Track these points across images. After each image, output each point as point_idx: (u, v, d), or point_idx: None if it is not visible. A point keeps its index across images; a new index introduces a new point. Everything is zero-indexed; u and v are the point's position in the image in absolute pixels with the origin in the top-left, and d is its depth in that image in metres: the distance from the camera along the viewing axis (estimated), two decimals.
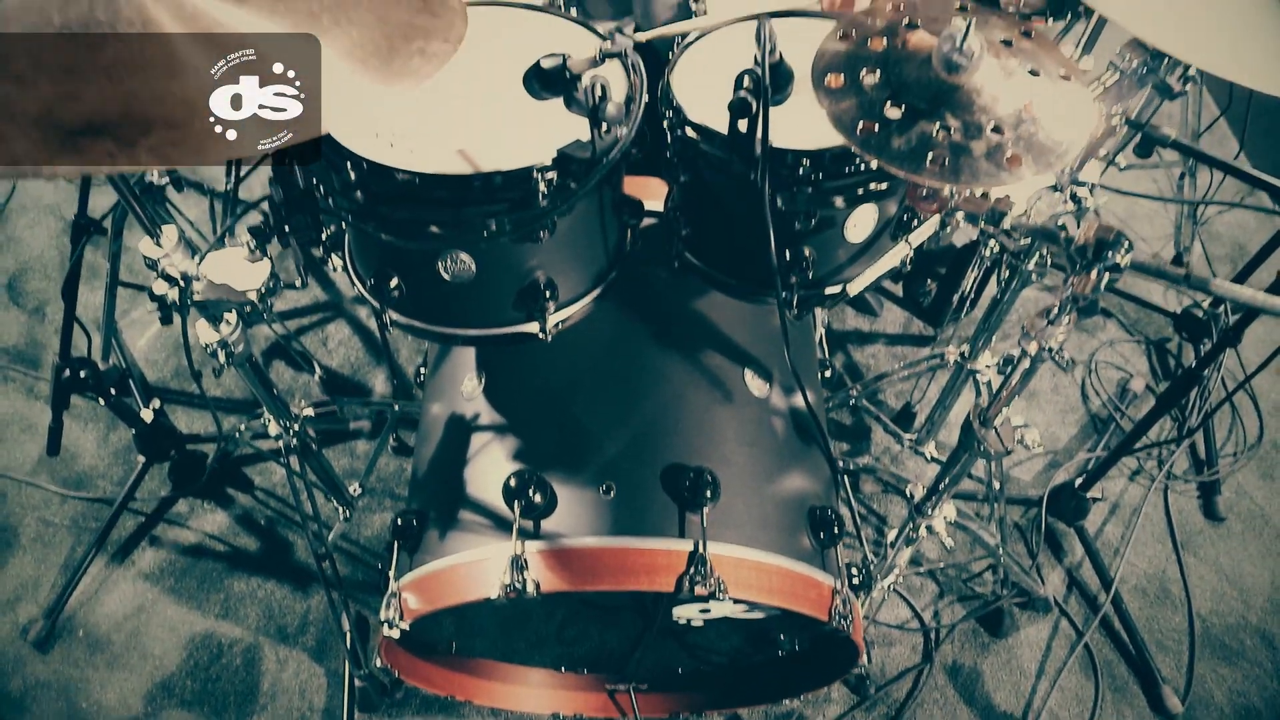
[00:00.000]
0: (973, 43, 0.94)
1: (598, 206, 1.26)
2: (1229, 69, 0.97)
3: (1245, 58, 0.99)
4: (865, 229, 1.28)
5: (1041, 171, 0.93)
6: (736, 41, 1.39)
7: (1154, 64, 1.28)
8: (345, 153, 1.14)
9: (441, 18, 1.02)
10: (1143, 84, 1.28)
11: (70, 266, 1.84)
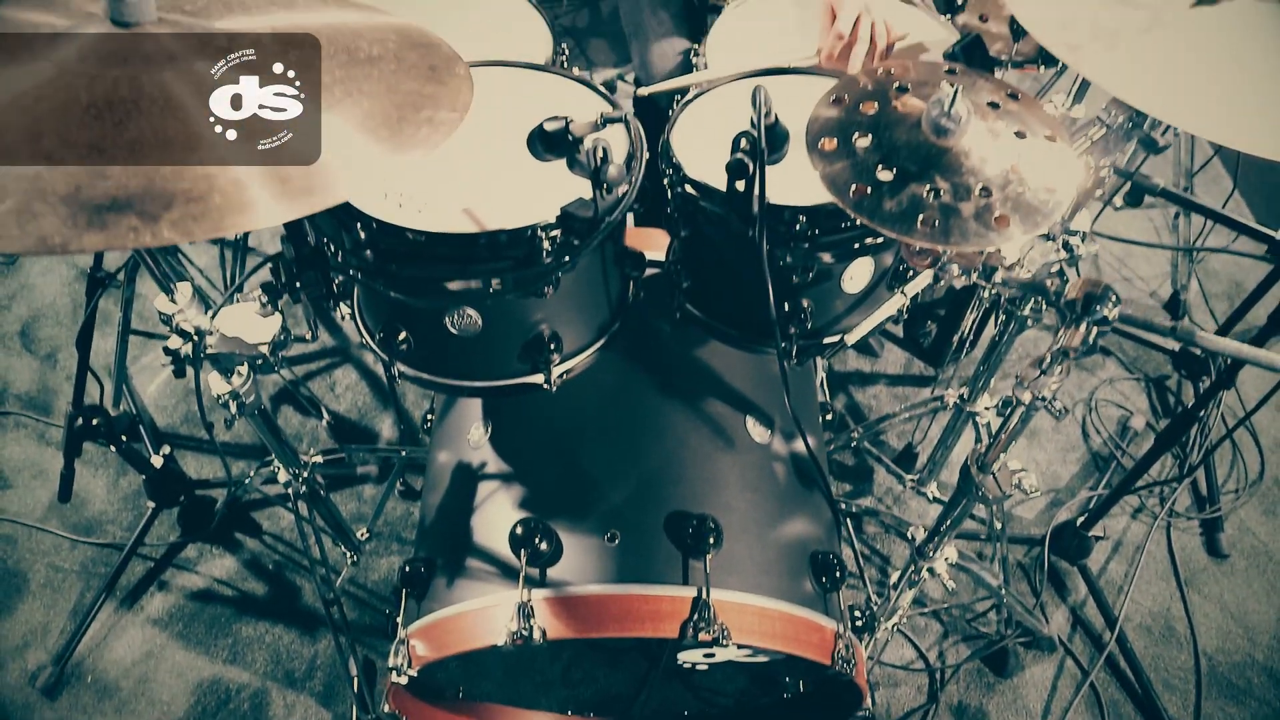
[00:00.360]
0: (960, 107, 0.97)
1: (600, 261, 1.30)
2: (1207, 128, 1.00)
3: (1224, 116, 1.03)
4: (862, 281, 1.31)
5: (1029, 231, 0.96)
6: (735, 98, 1.44)
7: (1138, 119, 1.31)
8: (355, 212, 1.17)
9: (448, 86, 1.06)
10: (1129, 138, 1.32)
11: (85, 319, 1.88)
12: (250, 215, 0.82)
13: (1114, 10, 1.11)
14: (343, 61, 1.04)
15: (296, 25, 1.12)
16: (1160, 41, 1.08)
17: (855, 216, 0.95)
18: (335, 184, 0.87)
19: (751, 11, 1.77)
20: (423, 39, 1.15)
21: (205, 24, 1.07)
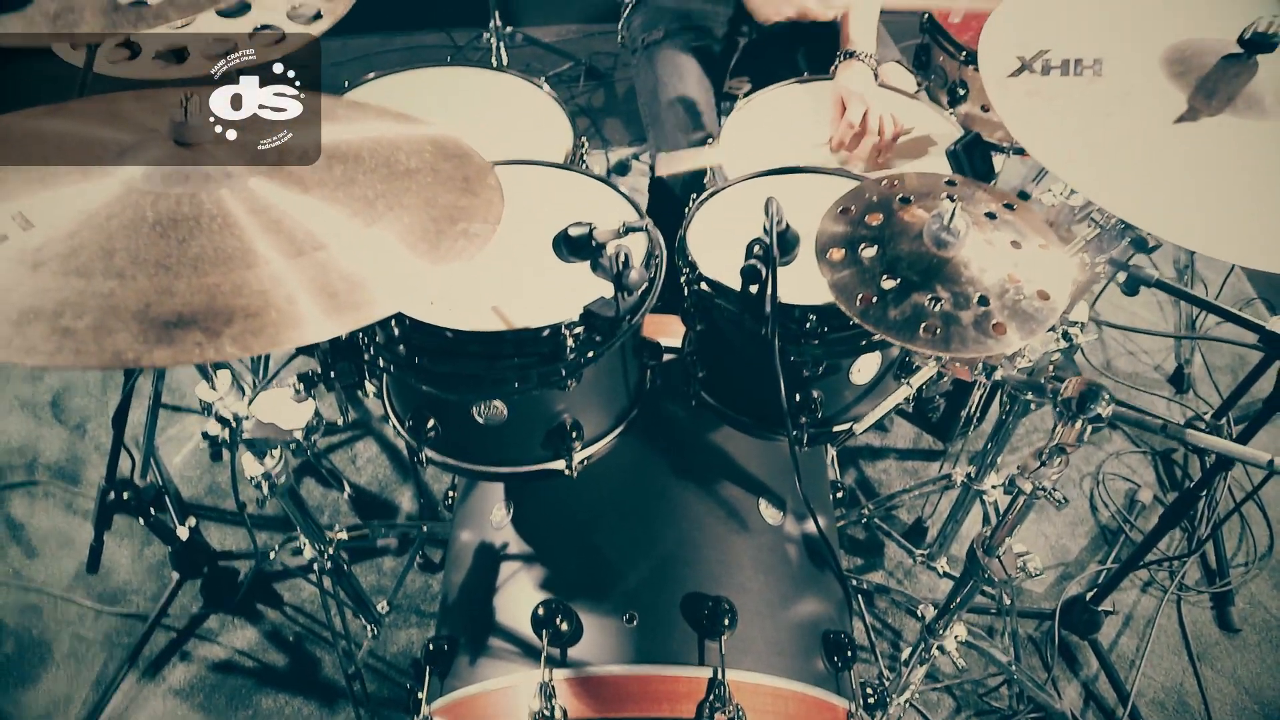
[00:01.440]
0: (958, 222, 1.05)
1: (620, 353, 1.36)
2: (1186, 237, 1.07)
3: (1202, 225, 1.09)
4: (869, 373, 1.37)
5: (1025, 337, 1.03)
6: (748, 195, 1.52)
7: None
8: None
9: (481, 197, 1.14)
10: (1121, 237, 1.39)
11: (122, 398, 1.95)
12: (303, 330, 0.89)
13: (1101, 125, 1.19)
14: (384, 175, 1.13)
15: (339, 138, 1.21)
16: (1144, 155, 1.15)
17: (861, 324, 1.02)
18: (380, 299, 0.94)
19: (764, 103, 1.87)
20: (456, 149, 1.24)
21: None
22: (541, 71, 3.46)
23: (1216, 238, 1.08)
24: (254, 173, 1.07)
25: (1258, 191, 1.14)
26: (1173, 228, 1.08)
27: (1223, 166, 1.14)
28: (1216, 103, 1.20)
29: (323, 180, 1.09)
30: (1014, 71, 1.26)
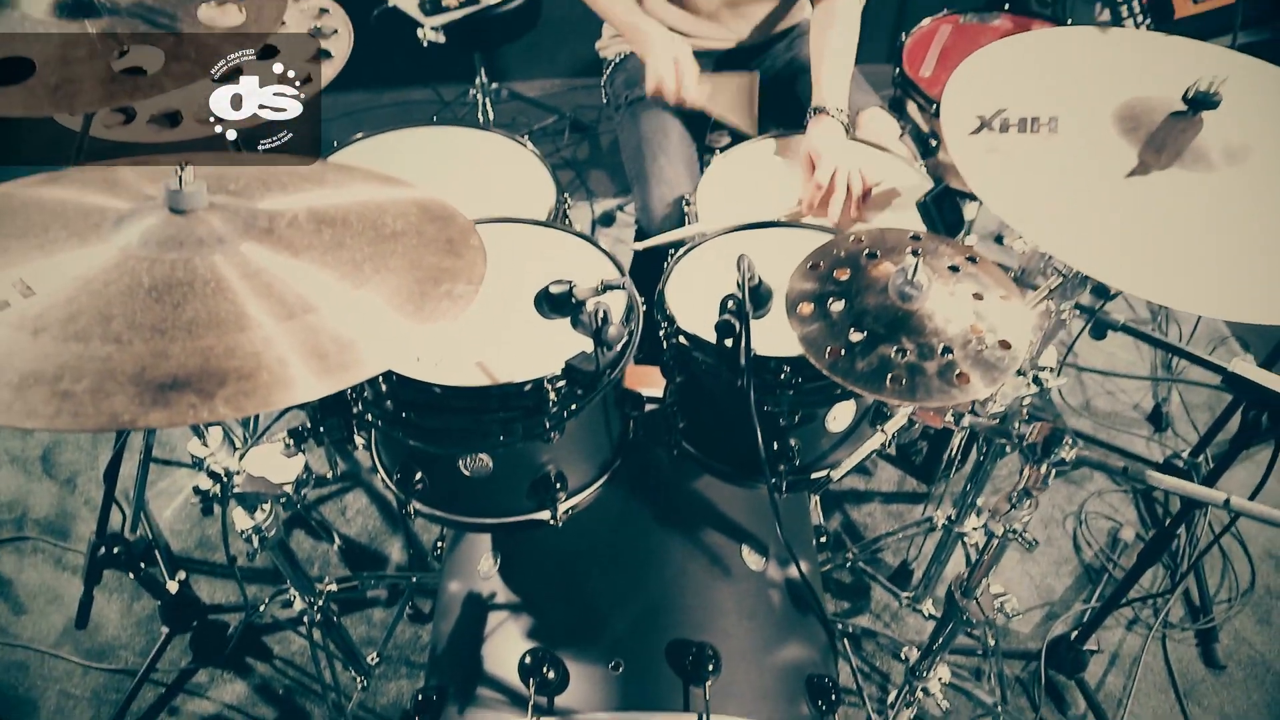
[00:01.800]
0: (921, 276, 1.10)
1: (602, 405, 1.40)
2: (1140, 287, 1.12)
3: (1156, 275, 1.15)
4: (845, 420, 1.42)
5: (989, 386, 1.07)
6: (724, 249, 1.57)
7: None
8: None
9: (465, 258, 1.18)
10: (1084, 284, 1.44)
11: (114, 454, 1.98)
12: (293, 391, 0.92)
13: (1057, 179, 1.24)
14: (371, 238, 1.17)
15: (328, 203, 1.26)
16: (1098, 208, 1.21)
17: (830, 376, 1.06)
18: (368, 359, 0.98)
19: (738, 158, 1.93)
20: (441, 211, 1.29)
21: (249, 204, 1.20)
22: (527, 125, 3.54)
23: (1168, 286, 1.13)
24: (246, 238, 1.12)
25: (1207, 241, 1.19)
26: (1126, 277, 1.13)
27: (1173, 218, 1.20)
28: (1165, 157, 1.27)
29: (312, 244, 1.14)
30: (975, 129, 1.32)
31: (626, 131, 2.14)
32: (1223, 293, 1.13)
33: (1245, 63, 1.50)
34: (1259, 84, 1.46)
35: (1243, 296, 1.14)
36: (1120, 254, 1.16)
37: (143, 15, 1.46)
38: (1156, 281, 1.14)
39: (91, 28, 1.41)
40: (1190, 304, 1.12)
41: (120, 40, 1.40)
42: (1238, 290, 1.15)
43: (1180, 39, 1.55)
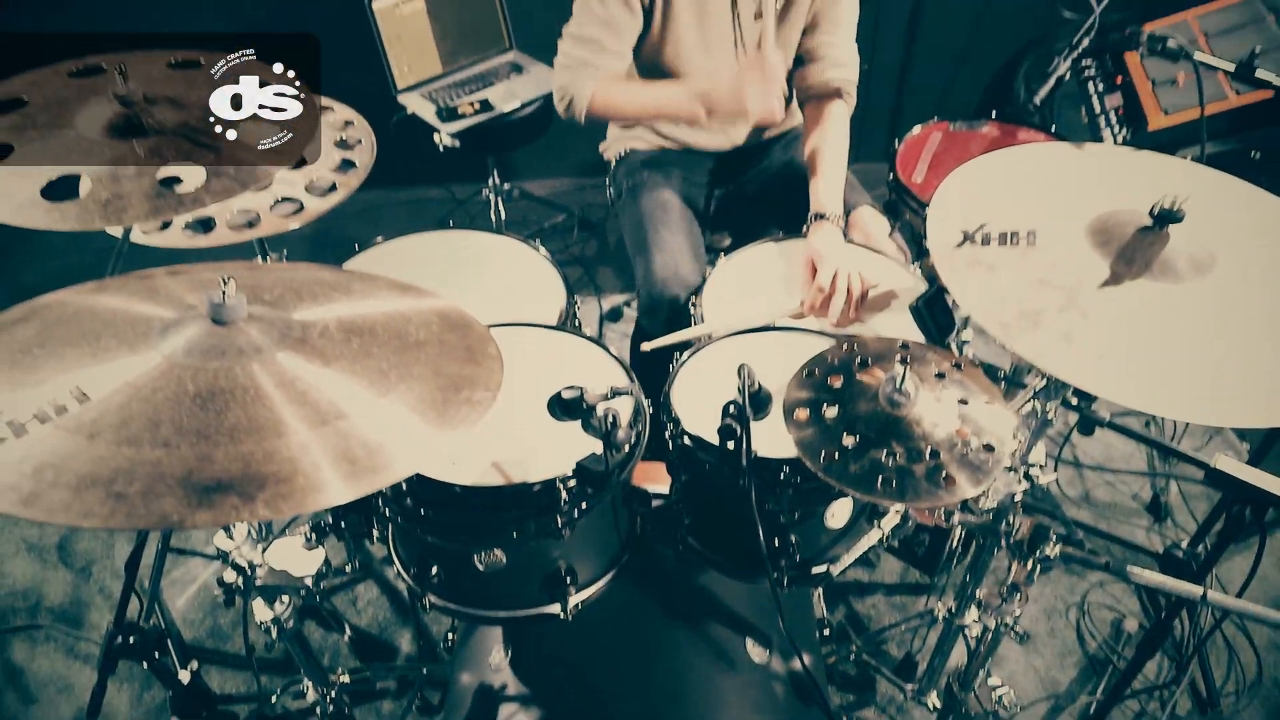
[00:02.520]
0: (909, 384, 1.18)
1: (610, 503, 1.47)
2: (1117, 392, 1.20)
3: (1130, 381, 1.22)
4: (843, 517, 1.48)
5: (975, 488, 1.14)
6: (728, 351, 1.66)
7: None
8: None
9: (483, 366, 1.27)
10: (1066, 385, 1.52)
11: (135, 545, 2.04)
12: (326, 494, 1.00)
13: (1036, 292, 1.33)
14: (396, 347, 1.26)
15: (355, 312, 1.35)
16: (1073, 317, 1.29)
17: (824, 479, 1.13)
18: (394, 464, 1.06)
19: (742, 260, 2.03)
20: (460, 320, 1.38)
21: (284, 314, 1.30)
22: (537, 223, 3.68)
23: (1140, 391, 1.21)
24: (282, 347, 1.21)
25: (1177, 348, 1.27)
26: (1101, 383, 1.21)
27: (1145, 326, 1.28)
28: (1136, 269, 1.36)
29: (342, 353, 1.23)
30: (958, 243, 1.42)
31: (628, 212, 2.21)
32: (1192, 397, 1.20)
33: (1209, 176, 1.60)
34: (1222, 196, 1.56)
35: (1212, 401, 1.21)
36: (1095, 361, 1.24)
37: (186, 135, 1.58)
38: (1129, 387, 1.21)
39: (139, 147, 1.52)
40: (1162, 408, 1.20)
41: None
42: (1207, 395, 1.22)
43: (1150, 154, 1.66)
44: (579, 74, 2.02)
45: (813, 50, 2.17)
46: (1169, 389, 1.21)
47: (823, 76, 2.17)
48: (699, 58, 2.09)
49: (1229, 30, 2.26)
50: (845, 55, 2.18)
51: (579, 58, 2.02)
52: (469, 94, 3.08)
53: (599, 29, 2.00)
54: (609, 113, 2.09)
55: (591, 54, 2.02)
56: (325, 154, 2.10)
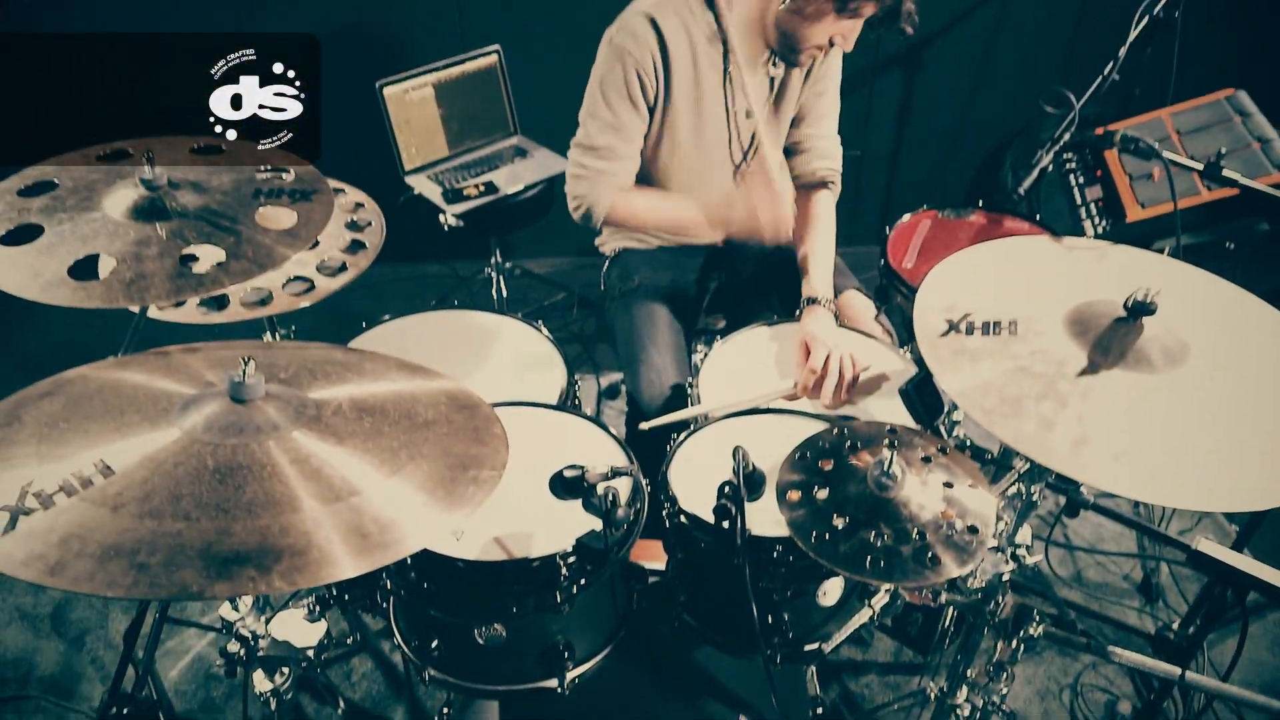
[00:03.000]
0: (896, 467, 1.23)
1: (609, 579, 1.51)
2: (1094, 477, 1.25)
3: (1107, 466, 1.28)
4: (835, 595, 1.52)
5: (960, 568, 1.19)
6: (724, 432, 1.72)
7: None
8: None
9: (489, 446, 1.33)
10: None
11: (136, 616, 2.06)
12: (338, 568, 1.05)
13: (1017, 380, 1.40)
14: (406, 427, 1.32)
15: (367, 391, 1.41)
16: (1052, 404, 1.36)
17: (816, 559, 1.18)
18: (404, 540, 1.11)
19: (737, 343, 2.10)
20: (467, 400, 1.44)
21: (299, 393, 1.36)
22: (538, 300, 3.77)
23: (1116, 476, 1.26)
24: (298, 426, 1.26)
25: (1151, 436, 1.33)
26: (1078, 467, 1.27)
27: (1121, 413, 1.34)
28: (1112, 358, 1.42)
29: (355, 431, 1.28)
30: (943, 332, 1.49)
31: (620, 321, 2.30)
32: (1167, 483, 1.26)
33: (1183, 270, 1.69)
34: (1194, 289, 1.64)
35: (1186, 486, 1.27)
36: (1071, 446, 1.30)
37: (207, 218, 1.66)
38: (1107, 472, 1.27)
39: (162, 229, 1.60)
40: (1139, 493, 1.25)
41: (187, 240, 1.59)
42: (1181, 480, 1.28)
43: (1126, 247, 1.74)
44: (596, 184, 2.11)
45: (799, 143, 2.30)
46: (1145, 475, 1.27)
47: (810, 167, 2.29)
48: (694, 154, 2.20)
49: (1200, 129, 2.39)
50: (830, 146, 2.31)
51: (594, 167, 2.11)
52: (474, 176, 3.19)
53: (609, 136, 2.08)
54: (626, 223, 2.18)
55: (605, 162, 2.10)
56: (337, 235, 2.19)
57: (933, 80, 3.80)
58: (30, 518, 1.06)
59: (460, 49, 3.24)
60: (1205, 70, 2.92)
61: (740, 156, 2.25)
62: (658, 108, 2.10)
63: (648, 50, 1.99)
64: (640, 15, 2.01)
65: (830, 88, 2.25)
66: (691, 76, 2.07)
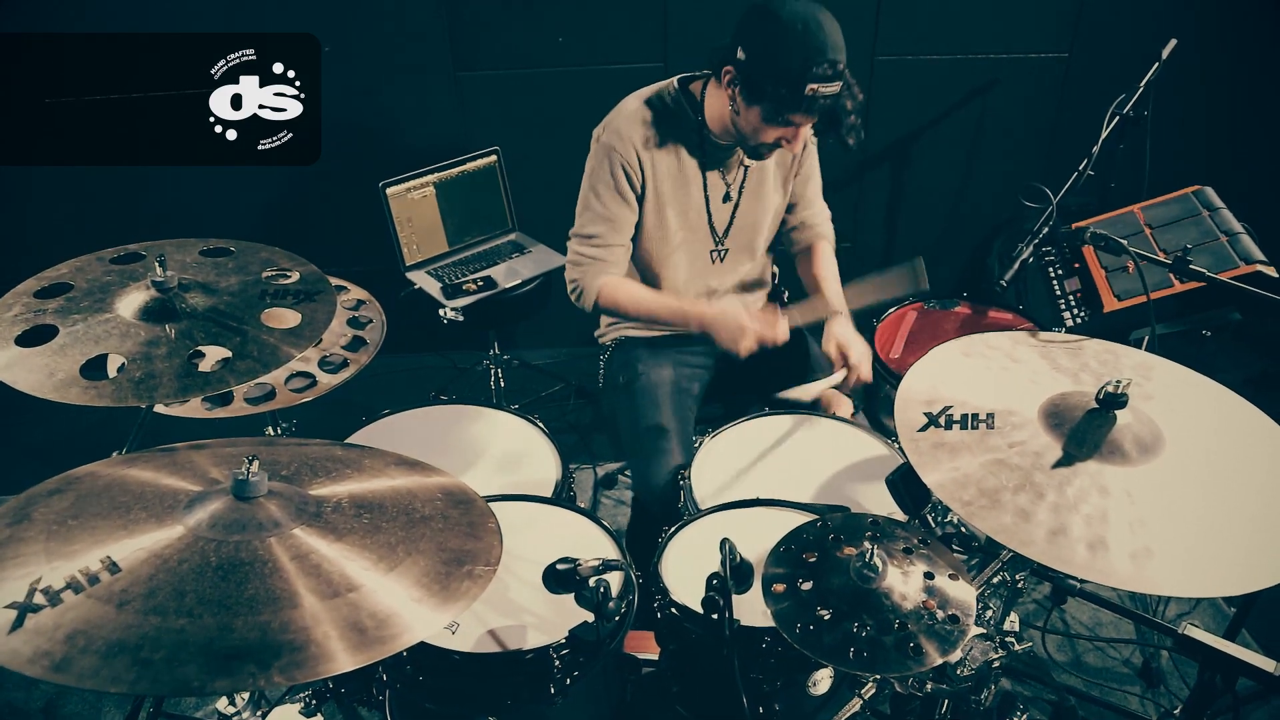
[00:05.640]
0: (877, 559, 1.27)
1: (601, 671, 1.53)
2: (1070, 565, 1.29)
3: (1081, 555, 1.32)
4: (824, 685, 1.54)
5: (943, 657, 1.22)
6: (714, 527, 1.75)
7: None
8: None
9: (483, 540, 1.37)
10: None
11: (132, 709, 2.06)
12: (335, 663, 1.08)
13: (994, 473, 1.44)
14: (403, 523, 1.36)
15: (366, 488, 1.46)
16: (1029, 497, 1.40)
17: (800, 650, 1.21)
18: (400, 634, 1.14)
19: (729, 438, 2.15)
20: (462, 495, 1.49)
21: (300, 490, 1.40)
22: (535, 391, 3.82)
23: (1094, 565, 1.30)
24: (298, 523, 1.30)
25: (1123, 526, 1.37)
26: (1057, 557, 1.31)
27: (1096, 504, 1.39)
28: (1086, 450, 1.47)
29: (353, 528, 1.32)
30: (922, 427, 1.54)
31: (622, 411, 2.37)
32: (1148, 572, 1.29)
33: (1156, 362, 1.75)
34: (1168, 382, 1.70)
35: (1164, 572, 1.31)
36: (1046, 537, 1.34)
37: (214, 318, 1.73)
38: (1081, 560, 1.31)
39: (171, 330, 1.66)
40: (1115, 580, 1.29)
41: (195, 340, 1.66)
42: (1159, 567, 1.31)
43: (1100, 341, 1.81)
44: (589, 270, 2.27)
45: (801, 224, 2.53)
46: (1121, 562, 1.31)
47: (807, 237, 2.54)
48: (681, 238, 2.33)
49: (1170, 223, 2.47)
50: (821, 218, 2.56)
51: (587, 255, 2.27)
52: (473, 272, 3.28)
53: (600, 225, 2.24)
54: (613, 307, 2.30)
55: (597, 250, 2.26)
56: (339, 332, 2.26)
57: (921, 176, 3.94)
58: (38, 615, 1.10)
59: (461, 150, 3.38)
60: (1179, 164, 3.05)
61: (718, 238, 2.40)
62: (646, 198, 2.25)
63: (632, 148, 2.17)
64: (625, 116, 2.20)
65: (813, 173, 2.49)
66: (675, 166, 2.25)
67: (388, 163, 3.28)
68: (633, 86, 2.30)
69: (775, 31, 1.88)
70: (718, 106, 2.13)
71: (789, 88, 1.90)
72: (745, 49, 1.94)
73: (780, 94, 1.92)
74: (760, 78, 1.94)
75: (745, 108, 2.01)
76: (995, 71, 3.68)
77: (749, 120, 2.04)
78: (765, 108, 1.97)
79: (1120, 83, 2.82)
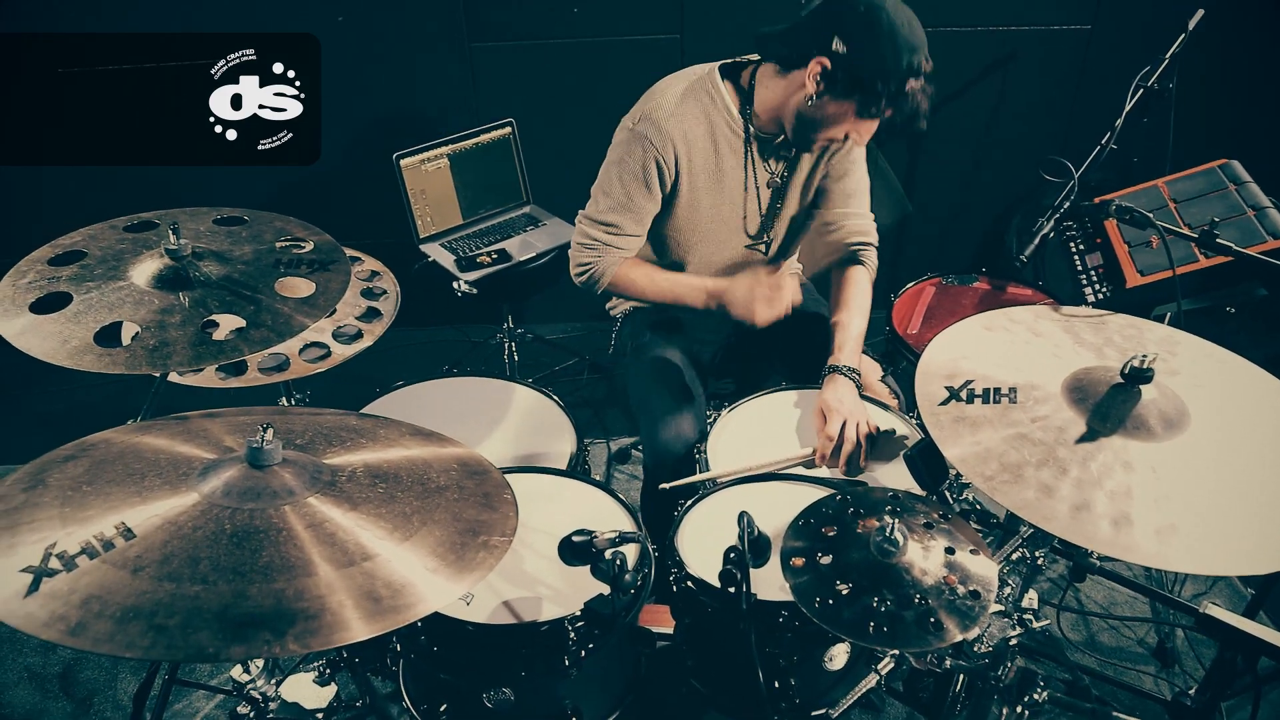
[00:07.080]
0: (898, 534, 1.25)
1: (616, 644, 1.53)
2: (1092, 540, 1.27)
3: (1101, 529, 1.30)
4: (841, 660, 1.53)
5: (963, 633, 1.20)
6: (732, 497, 1.74)
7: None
8: None
9: (499, 511, 1.36)
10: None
11: (146, 677, 2.07)
12: (350, 631, 1.07)
13: (1017, 447, 1.42)
14: (419, 493, 1.35)
15: (381, 458, 1.45)
16: (1052, 472, 1.38)
17: (820, 624, 1.20)
18: (415, 604, 1.13)
19: (749, 410, 2.13)
20: (478, 466, 1.48)
21: (315, 460, 1.39)
22: (548, 366, 3.81)
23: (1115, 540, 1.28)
24: (313, 491, 1.30)
25: (1148, 502, 1.35)
26: (1080, 532, 1.29)
27: (1120, 480, 1.36)
28: (1110, 425, 1.45)
29: (368, 497, 1.32)
30: (944, 400, 1.52)
31: (634, 377, 2.34)
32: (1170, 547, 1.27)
33: (1181, 337, 1.72)
34: (1193, 357, 1.67)
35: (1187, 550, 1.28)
36: (1074, 512, 1.32)
37: (229, 286, 1.71)
38: (1106, 536, 1.29)
39: (185, 298, 1.65)
40: (1137, 557, 1.27)
41: (209, 309, 1.64)
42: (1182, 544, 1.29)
43: (1124, 316, 1.77)
44: (603, 256, 2.19)
45: (831, 222, 2.36)
46: (1146, 540, 1.29)
47: (841, 243, 2.35)
48: (711, 225, 2.26)
49: (1195, 197, 2.43)
50: (862, 224, 2.36)
51: (601, 240, 2.18)
52: (487, 245, 3.26)
53: (619, 214, 2.15)
54: (624, 291, 2.25)
55: (613, 238, 2.18)
56: (353, 303, 2.25)
57: (937, 150, 3.88)
58: (53, 579, 1.09)
59: (475, 122, 3.34)
60: (1204, 138, 2.99)
61: (756, 230, 2.31)
62: (680, 191, 2.17)
63: (669, 142, 2.07)
64: (666, 111, 2.09)
65: (854, 170, 2.32)
66: (712, 159, 2.15)
67: (402, 134, 3.25)
68: (648, 58, 2.24)
69: (882, 26, 1.80)
70: (776, 96, 2.04)
71: (895, 83, 1.83)
72: (845, 41, 1.85)
73: (881, 89, 1.85)
74: (863, 71, 1.85)
75: (833, 100, 1.91)
76: (1015, 43, 3.61)
77: (833, 112, 1.94)
78: (861, 101, 1.89)
79: (1144, 55, 2.76)
